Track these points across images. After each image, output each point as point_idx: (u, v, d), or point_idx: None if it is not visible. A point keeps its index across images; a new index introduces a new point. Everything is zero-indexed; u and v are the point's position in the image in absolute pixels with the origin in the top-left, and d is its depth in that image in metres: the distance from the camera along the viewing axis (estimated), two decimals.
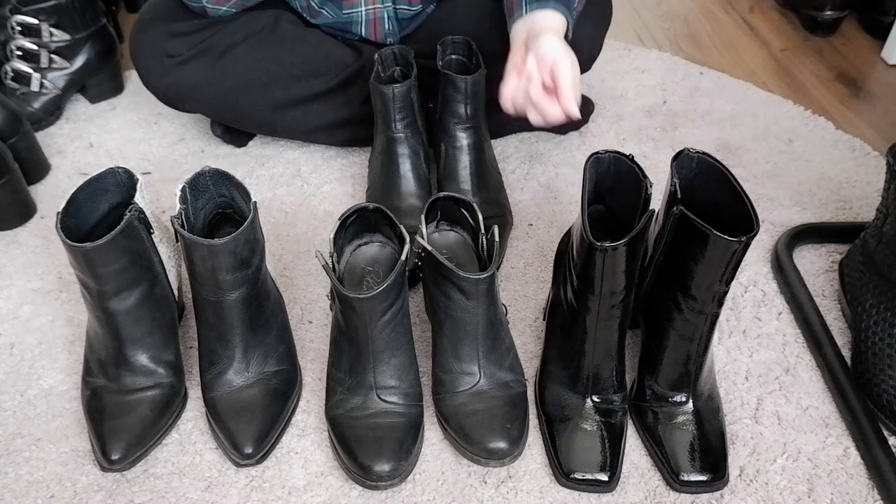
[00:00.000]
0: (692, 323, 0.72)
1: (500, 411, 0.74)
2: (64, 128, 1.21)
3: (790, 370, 0.85)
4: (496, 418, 0.74)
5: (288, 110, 1.06)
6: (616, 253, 0.66)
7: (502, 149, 1.15)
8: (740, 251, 0.66)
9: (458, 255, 0.83)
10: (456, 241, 0.84)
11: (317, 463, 0.76)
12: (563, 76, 0.82)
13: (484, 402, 0.75)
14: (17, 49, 1.17)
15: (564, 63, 0.82)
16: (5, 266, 0.98)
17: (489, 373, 0.76)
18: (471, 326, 0.74)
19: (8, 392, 0.83)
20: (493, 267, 0.72)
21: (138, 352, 0.76)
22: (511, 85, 0.87)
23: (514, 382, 0.77)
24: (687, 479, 0.73)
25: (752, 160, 1.14)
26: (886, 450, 0.75)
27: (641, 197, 0.72)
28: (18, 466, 0.76)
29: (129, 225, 0.73)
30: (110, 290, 0.73)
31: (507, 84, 0.88)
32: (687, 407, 0.76)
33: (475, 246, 0.82)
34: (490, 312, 0.74)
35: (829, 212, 1.06)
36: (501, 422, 0.73)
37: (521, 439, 0.74)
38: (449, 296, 0.73)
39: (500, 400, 0.75)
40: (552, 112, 0.84)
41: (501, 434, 0.73)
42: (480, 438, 0.73)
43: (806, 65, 1.38)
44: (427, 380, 0.81)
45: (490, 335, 0.75)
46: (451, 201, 0.82)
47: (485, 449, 0.72)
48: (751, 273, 0.96)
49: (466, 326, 0.74)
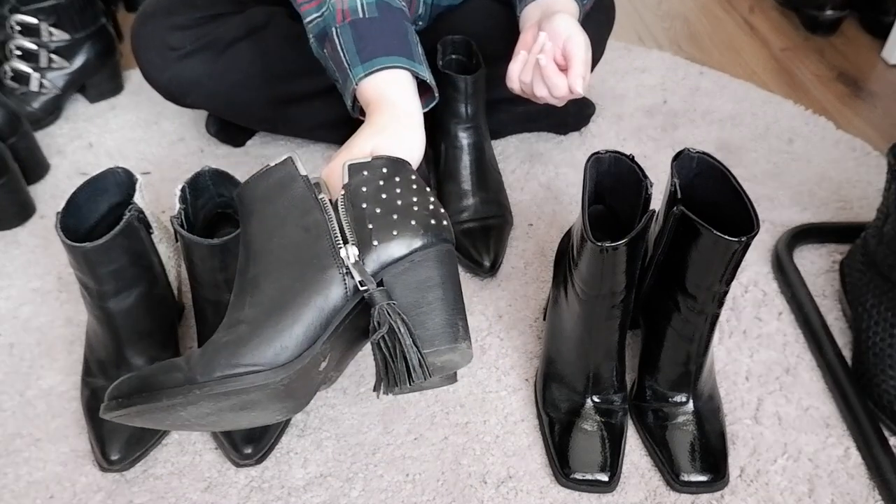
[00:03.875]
0: (692, 323, 0.72)
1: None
2: (63, 127, 1.21)
3: (791, 370, 0.85)
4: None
5: (289, 107, 1.06)
6: (616, 253, 0.66)
7: (502, 149, 1.15)
8: (740, 251, 0.66)
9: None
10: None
11: (317, 463, 0.76)
12: (577, 48, 0.81)
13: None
14: (17, 49, 1.17)
15: (578, 38, 0.81)
16: (5, 266, 0.97)
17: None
18: None
19: (7, 392, 0.83)
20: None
21: (138, 352, 0.76)
22: (520, 60, 0.86)
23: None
24: (687, 479, 0.73)
25: (752, 160, 1.14)
26: (887, 450, 0.75)
27: (642, 197, 0.72)
28: (18, 467, 0.76)
29: (129, 225, 0.73)
30: (110, 290, 0.73)
31: (515, 61, 0.86)
32: (687, 407, 0.76)
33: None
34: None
35: (830, 212, 1.06)
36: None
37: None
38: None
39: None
40: (560, 85, 0.82)
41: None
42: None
43: (806, 65, 1.38)
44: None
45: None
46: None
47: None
48: (751, 273, 0.96)
49: None
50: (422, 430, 0.79)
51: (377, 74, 0.69)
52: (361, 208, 0.58)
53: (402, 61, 0.70)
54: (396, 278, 0.58)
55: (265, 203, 0.59)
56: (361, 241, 0.57)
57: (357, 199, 0.59)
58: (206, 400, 0.54)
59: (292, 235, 0.58)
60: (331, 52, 0.73)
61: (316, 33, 0.75)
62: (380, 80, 0.69)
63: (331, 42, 0.73)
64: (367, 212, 0.58)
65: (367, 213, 0.58)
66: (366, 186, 0.59)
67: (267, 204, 0.59)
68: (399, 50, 0.70)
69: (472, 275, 0.96)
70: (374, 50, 0.70)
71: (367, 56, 0.69)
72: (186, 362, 0.56)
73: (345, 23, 0.72)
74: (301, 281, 0.56)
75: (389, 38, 0.71)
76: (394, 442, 0.78)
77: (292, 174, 0.60)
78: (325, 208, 0.59)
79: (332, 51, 0.73)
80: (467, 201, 0.98)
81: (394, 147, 0.64)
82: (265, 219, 0.59)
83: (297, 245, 0.58)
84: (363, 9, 0.72)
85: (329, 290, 0.56)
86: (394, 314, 0.56)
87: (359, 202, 0.59)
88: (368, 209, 0.58)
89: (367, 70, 0.69)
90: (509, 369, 0.85)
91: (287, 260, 0.57)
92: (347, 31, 0.71)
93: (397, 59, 0.70)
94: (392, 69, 0.69)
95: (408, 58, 0.70)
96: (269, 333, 0.55)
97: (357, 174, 0.60)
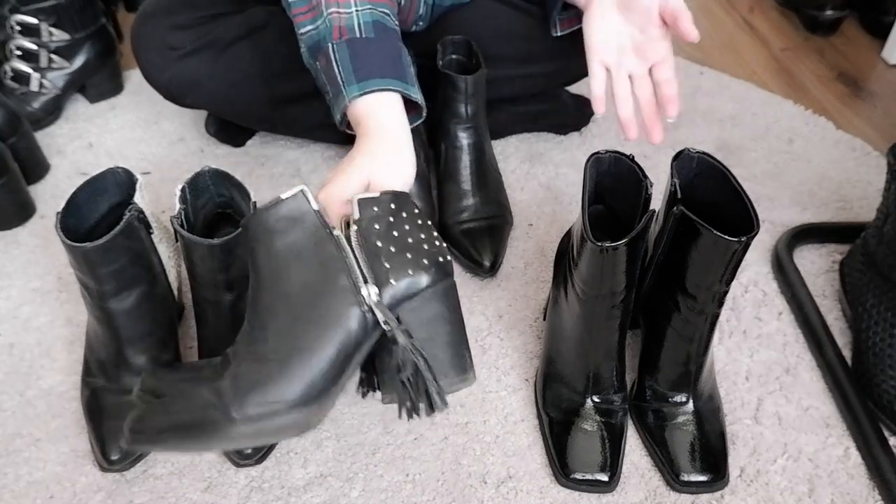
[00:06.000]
0: (692, 323, 0.72)
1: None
2: (63, 127, 1.21)
3: (791, 370, 0.85)
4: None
5: (289, 106, 1.06)
6: (616, 253, 0.66)
7: (502, 149, 1.15)
8: (740, 251, 0.66)
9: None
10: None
11: (317, 463, 0.76)
12: (675, 3, 0.79)
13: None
14: (17, 49, 1.17)
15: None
16: (5, 266, 0.97)
17: None
18: None
19: (7, 392, 0.83)
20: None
21: (138, 352, 0.76)
22: (601, 80, 0.85)
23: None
24: (687, 479, 0.73)
25: (752, 160, 1.14)
26: (887, 450, 0.75)
27: (642, 197, 0.72)
28: (18, 467, 0.76)
29: (129, 225, 0.73)
30: (110, 290, 0.73)
31: (596, 80, 0.85)
32: (687, 407, 0.76)
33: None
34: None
35: (830, 212, 1.06)
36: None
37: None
38: None
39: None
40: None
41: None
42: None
43: (806, 65, 1.38)
44: None
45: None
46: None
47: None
48: (751, 273, 0.96)
49: None
50: (422, 430, 0.79)
51: (370, 95, 0.71)
52: (376, 246, 0.61)
53: (395, 84, 0.71)
54: (411, 314, 0.61)
55: (276, 235, 0.61)
56: (378, 279, 0.60)
57: (370, 235, 0.61)
58: (240, 437, 0.58)
59: (308, 270, 0.60)
60: (324, 66, 0.74)
61: (310, 45, 0.76)
62: (372, 100, 0.71)
63: (325, 57, 0.74)
64: (382, 250, 0.61)
65: (382, 252, 0.61)
66: (377, 223, 0.61)
67: (278, 236, 0.61)
68: (393, 72, 0.72)
69: (472, 275, 0.96)
70: (369, 71, 0.71)
71: (363, 76, 0.71)
72: (217, 396, 0.58)
73: (342, 40, 0.73)
74: (325, 318, 0.59)
75: (384, 60, 0.72)
76: (394, 442, 0.78)
77: (304, 208, 0.61)
78: (340, 244, 0.61)
79: (325, 65, 0.74)
80: (467, 201, 0.98)
81: (387, 172, 0.66)
82: (277, 250, 0.61)
83: (315, 280, 0.60)
84: (360, 28, 0.73)
85: (351, 327, 0.59)
86: (416, 352, 0.60)
87: (372, 239, 0.61)
88: (383, 248, 0.61)
89: (361, 90, 0.70)
90: (509, 369, 0.85)
91: (305, 295, 0.60)
92: (344, 49, 0.72)
93: (391, 82, 0.71)
94: (385, 92, 0.71)
95: (401, 80, 0.72)
96: (299, 372, 0.58)
97: (367, 209, 0.62)
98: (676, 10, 0.79)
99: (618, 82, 0.85)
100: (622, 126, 0.85)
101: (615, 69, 0.85)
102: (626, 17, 0.83)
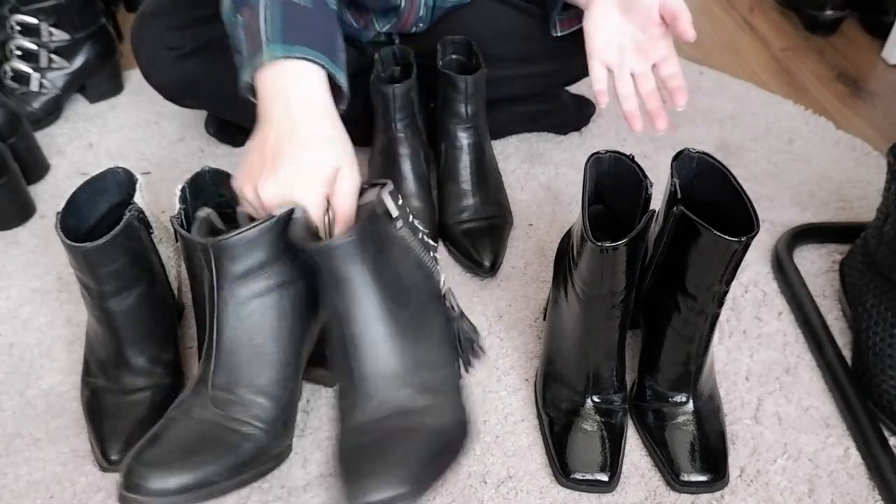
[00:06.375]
0: (692, 323, 0.72)
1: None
2: (63, 127, 1.21)
3: (791, 370, 0.85)
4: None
5: None
6: (616, 253, 0.66)
7: (502, 149, 1.15)
8: (740, 251, 0.66)
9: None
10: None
11: (317, 463, 0.76)
12: (674, 3, 0.79)
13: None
14: (17, 49, 1.17)
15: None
16: (5, 266, 0.97)
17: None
18: None
19: (7, 392, 0.83)
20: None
21: (138, 352, 0.76)
22: (603, 77, 0.85)
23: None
24: (687, 479, 0.73)
25: (752, 160, 1.14)
26: (887, 450, 0.75)
27: (642, 197, 0.72)
28: (18, 467, 0.76)
29: (129, 225, 0.73)
30: (110, 290, 0.73)
31: (598, 77, 0.85)
32: (687, 407, 0.76)
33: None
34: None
35: (830, 212, 1.06)
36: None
37: None
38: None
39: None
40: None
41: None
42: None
43: (806, 65, 1.38)
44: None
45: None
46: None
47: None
48: (751, 273, 0.96)
49: None
50: None
51: (295, 62, 0.65)
52: (418, 229, 0.66)
53: (324, 59, 0.66)
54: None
55: (372, 249, 0.62)
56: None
57: (412, 223, 0.66)
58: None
59: (415, 273, 0.66)
60: (248, 19, 0.68)
61: None
62: (295, 67, 0.65)
63: (252, 10, 0.67)
64: (420, 237, 0.66)
65: (421, 238, 0.66)
66: (404, 210, 0.66)
67: (379, 247, 0.63)
68: (324, 48, 0.67)
69: (472, 275, 0.96)
70: (299, 37, 0.66)
71: (291, 41, 0.65)
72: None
73: (277, 0, 0.67)
74: (443, 314, 0.69)
75: (317, 34, 0.67)
76: None
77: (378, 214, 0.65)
78: (427, 243, 0.67)
79: (250, 18, 0.67)
80: (467, 201, 0.98)
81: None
82: (382, 263, 0.63)
83: (424, 281, 0.67)
84: None
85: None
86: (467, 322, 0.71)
87: (415, 227, 0.66)
88: (421, 233, 0.67)
89: (286, 52, 0.64)
90: (509, 369, 0.85)
91: (423, 300, 0.66)
92: (277, 8, 0.67)
93: (320, 56, 0.66)
94: (311, 63, 0.66)
95: (330, 59, 0.67)
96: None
97: (396, 199, 0.65)
98: (676, 9, 0.79)
99: (620, 81, 0.85)
100: (627, 119, 0.84)
101: (617, 69, 0.84)
102: (627, 17, 0.83)
